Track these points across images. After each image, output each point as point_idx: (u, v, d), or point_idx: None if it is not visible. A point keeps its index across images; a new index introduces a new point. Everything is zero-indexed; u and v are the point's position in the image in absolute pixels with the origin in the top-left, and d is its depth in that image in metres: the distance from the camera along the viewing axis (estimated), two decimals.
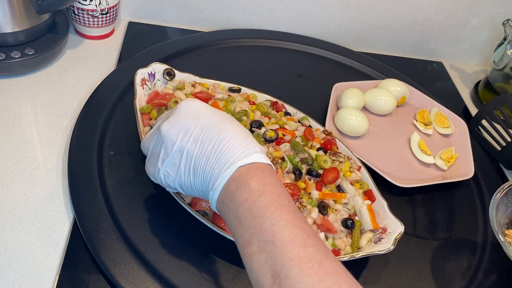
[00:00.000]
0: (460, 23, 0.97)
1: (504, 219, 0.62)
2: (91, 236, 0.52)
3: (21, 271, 0.49)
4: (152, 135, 0.48)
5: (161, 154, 0.45)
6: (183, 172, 0.43)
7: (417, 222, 0.66)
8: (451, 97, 0.94)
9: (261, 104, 0.66)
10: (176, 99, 0.62)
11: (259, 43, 0.91)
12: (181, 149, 0.43)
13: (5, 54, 0.69)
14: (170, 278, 0.51)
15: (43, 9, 0.69)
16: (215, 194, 0.40)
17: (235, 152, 0.40)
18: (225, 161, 0.40)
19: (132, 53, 0.80)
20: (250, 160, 0.40)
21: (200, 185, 0.42)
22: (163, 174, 0.45)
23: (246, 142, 0.41)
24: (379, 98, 0.78)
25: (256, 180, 0.39)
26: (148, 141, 0.48)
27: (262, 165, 0.40)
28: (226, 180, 0.39)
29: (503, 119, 0.77)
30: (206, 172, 0.41)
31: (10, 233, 0.52)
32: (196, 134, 0.42)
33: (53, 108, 0.68)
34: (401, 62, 1.00)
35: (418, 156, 0.73)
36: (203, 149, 0.41)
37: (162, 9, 0.91)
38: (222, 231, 0.52)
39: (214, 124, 0.43)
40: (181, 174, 0.44)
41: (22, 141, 0.63)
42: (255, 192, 0.38)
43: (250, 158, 0.40)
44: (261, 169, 0.40)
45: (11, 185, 0.57)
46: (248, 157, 0.40)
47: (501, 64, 0.87)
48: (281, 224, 0.36)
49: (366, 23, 0.96)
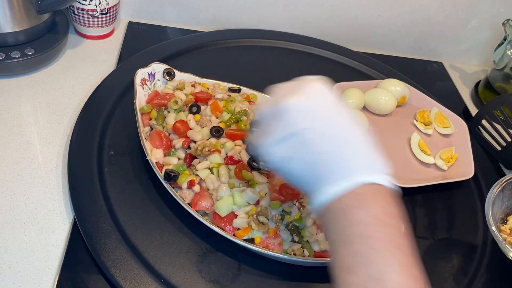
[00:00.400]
0: (460, 23, 0.97)
1: (499, 214, 0.62)
2: (91, 236, 0.52)
3: (21, 271, 0.49)
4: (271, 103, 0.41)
5: (275, 130, 0.39)
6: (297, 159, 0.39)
7: (417, 222, 0.66)
8: (451, 97, 0.94)
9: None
10: (176, 99, 0.62)
11: (259, 43, 0.91)
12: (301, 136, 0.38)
13: (5, 54, 0.68)
14: (170, 278, 0.51)
15: (43, 9, 0.69)
16: (322, 198, 0.37)
17: (360, 163, 0.37)
18: (347, 167, 0.37)
19: (132, 53, 0.80)
20: (376, 179, 0.37)
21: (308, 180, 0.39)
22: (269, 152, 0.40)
23: (374, 156, 0.38)
24: (379, 98, 0.78)
25: (380, 207, 0.36)
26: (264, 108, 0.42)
27: (387, 190, 0.37)
28: (344, 192, 0.36)
29: (503, 119, 0.77)
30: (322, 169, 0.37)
31: (10, 233, 0.52)
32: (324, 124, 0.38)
33: (53, 108, 0.68)
34: (401, 62, 1.00)
35: (418, 156, 0.73)
36: (328, 145, 0.37)
37: (162, 9, 0.91)
38: (222, 231, 0.52)
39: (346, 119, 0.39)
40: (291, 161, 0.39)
41: (22, 141, 0.63)
42: (375, 220, 0.35)
43: (376, 177, 0.37)
44: (386, 194, 0.37)
45: (11, 185, 0.57)
46: (375, 175, 0.37)
47: (501, 64, 0.87)
48: (394, 268, 0.33)
49: (366, 23, 0.96)
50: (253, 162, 0.55)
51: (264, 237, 0.53)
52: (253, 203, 0.54)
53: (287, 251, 0.53)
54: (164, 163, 0.58)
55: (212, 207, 0.54)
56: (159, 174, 0.56)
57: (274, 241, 0.53)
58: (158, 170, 0.56)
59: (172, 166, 0.57)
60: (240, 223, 0.53)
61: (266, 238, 0.53)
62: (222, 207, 0.53)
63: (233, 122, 0.61)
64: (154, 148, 0.59)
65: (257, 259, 0.54)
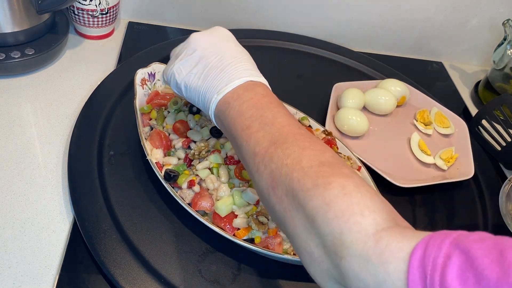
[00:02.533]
0: (460, 23, 0.97)
1: None
2: (91, 236, 0.52)
3: (21, 271, 0.49)
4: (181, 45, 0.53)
5: (181, 54, 0.50)
6: (195, 74, 0.49)
7: (417, 222, 0.66)
8: (451, 97, 0.94)
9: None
10: (176, 99, 0.62)
11: (260, 43, 0.91)
12: (202, 56, 0.49)
13: (5, 54, 0.69)
14: (170, 278, 0.51)
15: (43, 9, 0.69)
16: (219, 97, 0.46)
17: (247, 72, 0.47)
18: (238, 75, 0.46)
19: (132, 53, 0.80)
20: (259, 79, 0.47)
21: (205, 89, 0.48)
22: (176, 69, 0.50)
23: (255, 69, 0.49)
24: (379, 98, 0.78)
25: (262, 89, 0.46)
26: (178, 46, 0.53)
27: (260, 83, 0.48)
28: (235, 86, 0.45)
29: (503, 119, 0.77)
30: (217, 80, 0.47)
31: (10, 233, 0.52)
32: (219, 49, 0.49)
33: (53, 108, 0.68)
34: (401, 62, 1.00)
35: (418, 156, 0.73)
36: (221, 62, 0.47)
37: (162, 9, 0.91)
38: (222, 231, 0.52)
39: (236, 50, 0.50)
40: (191, 75, 0.49)
41: (22, 141, 0.63)
42: (260, 94, 0.45)
43: (259, 78, 0.47)
44: (266, 86, 0.48)
45: (11, 185, 0.57)
46: (257, 77, 0.47)
47: (501, 64, 0.87)
48: (281, 115, 0.43)
49: (366, 23, 0.96)
50: None
51: (264, 237, 0.53)
52: (253, 203, 0.54)
53: (287, 251, 0.53)
54: (164, 163, 0.58)
55: (212, 207, 0.54)
56: (159, 174, 0.56)
57: (274, 241, 0.53)
58: (158, 170, 0.56)
59: (172, 166, 0.57)
60: (240, 223, 0.53)
61: (266, 238, 0.53)
62: (222, 207, 0.53)
63: None
64: (154, 148, 0.59)
65: (257, 259, 0.54)
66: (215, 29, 0.52)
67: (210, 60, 0.48)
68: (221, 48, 0.49)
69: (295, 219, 0.36)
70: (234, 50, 0.50)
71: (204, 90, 0.48)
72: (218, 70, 0.47)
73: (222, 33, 0.51)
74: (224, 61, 0.47)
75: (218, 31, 0.52)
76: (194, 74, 0.49)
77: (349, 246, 0.32)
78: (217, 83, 0.46)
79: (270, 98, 0.45)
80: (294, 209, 0.36)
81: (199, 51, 0.49)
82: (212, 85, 0.47)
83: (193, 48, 0.50)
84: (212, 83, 0.47)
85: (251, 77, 0.47)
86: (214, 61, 0.48)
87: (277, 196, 0.38)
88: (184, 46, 0.51)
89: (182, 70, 0.50)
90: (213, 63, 0.48)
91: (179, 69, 0.50)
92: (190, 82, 0.49)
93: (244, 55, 0.50)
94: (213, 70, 0.47)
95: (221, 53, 0.48)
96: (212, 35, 0.51)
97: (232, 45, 0.50)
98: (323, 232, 0.34)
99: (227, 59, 0.48)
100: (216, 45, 0.49)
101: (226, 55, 0.48)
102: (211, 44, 0.49)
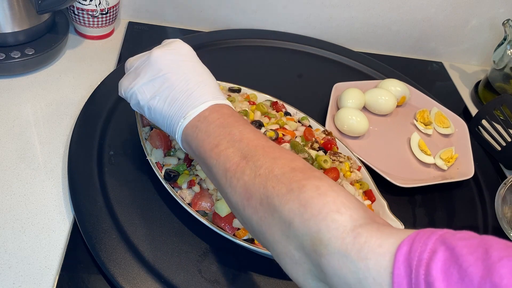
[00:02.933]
0: (460, 23, 0.97)
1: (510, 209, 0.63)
2: (91, 236, 0.52)
3: (21, 271, 0.49)
4: (141, 55, 0.51)
5: (144, 73, 0.48)
6: (159, 98, 0.47)
7: (417, 222, 0.66)
8: (451, 97, 0.94)
9: (261, 104, 0.66)
10: None
11: (259, 43, 0.91)
12: (167, 79, 0.47)
13: (5, 54, 0.69)
14: (170, 278, 0.51)
15: (43, 9, 0.69)
16: (186, 121, 0.45)
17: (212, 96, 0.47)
18: (203, 99, 0.46)
19: (132, 53, 0.80)
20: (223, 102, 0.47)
21: (171, 114, 0.47)
22: (138, 90, 0.48)
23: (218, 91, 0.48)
24: (379, 98, 0.78)
25: (227, 109, 0.46)
26: (135, 59, 0.51)
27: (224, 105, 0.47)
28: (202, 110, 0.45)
29: (503, 119, 0.77)
30: (184, 105, 0.46)
31: (10, 233, 0.52)
32: (183, 71, 0.48)
33: (53, 108, 0.68)
34: (401, 62, 1.00)
35: (418, 156, 0.73)
36: (187, 86, 0.47)
37: (162, 9, 0.91)
38: (222, 231, 0.52)
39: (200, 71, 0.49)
40: (155, 99, 0.47)
41: (22, 141, 0.63)
42: (225, 114, 0.45)
43: (223, 101, 0.47)
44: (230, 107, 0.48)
45: (11, 185, 0.57)
46: (222, 100, 0.47)
47: (501, 64, 0.87)
48: (248, 130, 0.43)
49: (366, 23, 0.96)
50: None
51: None
52: None
53: None
54: (164, 163, 0.58)
55: (212, 207, 0.54)
56: (159, 174, 0.56)
57: None
58: (158, 170, 0.56)
59: (172, 166, 0.57)
60: None
61: None
62: (222, 207, 0.53)
63: None
64: (154, 148, 0.59)
65: (257, 259, 0.54)
66: (176, 46, 0.50)
67: (176, 84, 0.47)
68: (185, 69, 0.48)
69: (272, 226, 0.37)
70: (198, 71, 0.48)
71: (170, 115, 0.47)
72: (185, 96, 0.46)
73: (184, 51, 0.49)
74: (189, 85, 0.46)
75: (180, 49, 0.49)
76: (159, 98, 0.47)
77: (328, 244, 0.32)
78: (183, 108, 0.46)
79: (235, 117, 0.45)
80: (270, 216, 0.37)
81: (163, 73, 0.47)
82: (178, 110, 0.46)
83: (157, 69, 0.47)
84: (178, 108, 0.46)
85: (216, 100, 0.46)
86: (179, 85, 0.47)
87: (252, 207, 0.38)
88: (146, 63, 0.49)
89: (146, 92, 0.48)
90: (179, 87, 0.46)
91: (142, 90, 0.48)
92: (154, 106, 0.47)
93: (207, 77, 0.49)
94: (179, 94, 0.46)
95: (185, 75, 0.47)
96: (175, 53, 0.48)
97: (195, 65, 0.49)
98: (301, 233, 0.34)
99: (192, 83, 0.47)
100: (180, 66, 0.48)
101: (191, 78, 0.47)
102: (175, 65, 0.48)
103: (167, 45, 0.50)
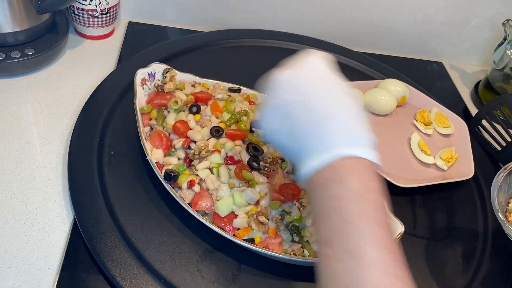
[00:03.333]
0: (460, 23, 0.97)
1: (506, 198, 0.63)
2: (91, 236, 0.52)
3: (21, 271, 0.49)
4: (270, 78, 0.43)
5: (268, 98, 0.41)
6: (283, 131, 0.40)
7: (417, 222, 0.66)
8: (451, 97, 0.94)
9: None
10: (176, 99, 0.62)
11: (259, 43, 0.91)
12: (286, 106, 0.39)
13: (5, 54, 0.69)
14: (170, 278, 0.51)
15: (43, 9, 0.69)
16: (305, 171, 0.37)
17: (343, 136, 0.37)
18: (328, 140, 0.36)
19: (132, 53, 0.80)
20: (356, 153, 0.36)
21: (296, 151, 0.39)
22: (265, 121, 0.42)
23: (358, 129, 0.38)
24: (379, 98, 0.78)
25: (357, 181, 0.35)
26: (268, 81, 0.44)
27: (367, 164, 0.37)
28: (323, 165, 0.36)
29: (503, 119, 0.77)
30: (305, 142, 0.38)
31: (10, 233, 0.52)
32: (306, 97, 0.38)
33: (53, 108, 0.68)
34: (401, 62, 1.00)
35: (418, 156, 0.73)
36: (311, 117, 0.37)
37: (162, 9, 0.91)
38: (222, 231, 0.52)
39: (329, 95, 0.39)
40: (279, 132, 0.40)
41: (22, 141, 0.63)
42: (351, 194, 0.34)
43: (357, 150, 0.36)
44: (367, 169, 0.36)
45: (11, 185, 0.57)
46: (355, 148, 0.36)
47: (501, 64, 0.87)
48: (370, 242, 0.33)
49: (366, 23, 0.95)
50: (253, 162, 0.55)
51: (264, 237, 0.53)
52: (253, 203, 0.54)
53: (287, 251, 0.53)
54: (164, 163, 0.58)
55: (212, 207, 0.54)
56: (159, 174, 0.56)
57: (274, 241, 0.53)
58: (158, 170, 0.56)
59: (172, 166, 0.57)
60: (240, 223, 0.53)
61: (266, 238, 0.53)
62: (222, 207, 0.53)
63: (233, 122, 0.61)
64: (154, 148, 0.59)
65: (257, 259, 0.54)
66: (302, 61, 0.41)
67: (298, 116, 0.38)
68: (308, 95, 0.38)
69: None
70: (327, 96, 0.39)
71: (296, 151, 0.39)
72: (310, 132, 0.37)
73: (311, 67, 0.40)
74: (314, 117, 0.37)
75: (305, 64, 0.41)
76: (282, 132, 0.40)
77: None
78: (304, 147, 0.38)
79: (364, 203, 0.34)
80: None
81: (282, 100, 0.39)
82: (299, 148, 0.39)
83: (279, 96, 0.40)
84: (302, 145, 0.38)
85: (343, 149, 0.36)
86: (302, 116, 0.38)
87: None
88: (270, 90, 0.41)
89: (270, 124, 0.41)
90: (302, 119, 0.38)
91: (268, 123, 0.42)
92: (279, 140, 0.41)
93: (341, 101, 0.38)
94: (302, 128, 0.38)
95: (309, 103, 0.38)
96: (297, 72, 0.40)
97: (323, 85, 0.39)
98: None
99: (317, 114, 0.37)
100: (300, 91, 0.39)
101: (315, 106, 0.38)
102: (295, 89, 0.39)
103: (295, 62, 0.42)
